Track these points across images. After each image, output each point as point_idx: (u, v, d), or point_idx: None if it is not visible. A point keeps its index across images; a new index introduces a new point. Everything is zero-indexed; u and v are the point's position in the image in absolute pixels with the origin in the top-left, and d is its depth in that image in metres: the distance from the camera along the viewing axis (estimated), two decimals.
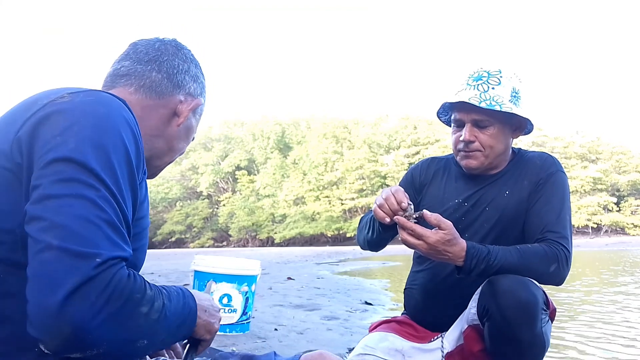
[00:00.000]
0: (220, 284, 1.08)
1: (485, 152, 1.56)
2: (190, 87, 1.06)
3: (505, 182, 1.61)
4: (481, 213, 1.60)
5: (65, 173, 0.72)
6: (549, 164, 1.61)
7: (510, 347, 1.37)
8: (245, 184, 58.97)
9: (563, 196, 1.56)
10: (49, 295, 0.66)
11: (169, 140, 1.04)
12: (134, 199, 0.82)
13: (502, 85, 1.52)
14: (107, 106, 0.81)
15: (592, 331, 3.25)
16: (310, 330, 3.16)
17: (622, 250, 21.53)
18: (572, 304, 4.61)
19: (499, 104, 1.50)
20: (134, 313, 0.72)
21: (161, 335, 0.79)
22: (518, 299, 1.33)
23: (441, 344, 1.58)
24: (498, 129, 1.54)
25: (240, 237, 56.87)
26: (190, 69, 1.06)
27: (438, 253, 1.40)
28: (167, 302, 0.79)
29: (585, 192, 46.10)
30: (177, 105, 1.03)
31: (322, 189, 53.99)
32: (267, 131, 60.85)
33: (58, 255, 0.67)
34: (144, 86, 1.00)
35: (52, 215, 0.69)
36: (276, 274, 8.81)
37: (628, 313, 4.04)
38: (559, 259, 1.44)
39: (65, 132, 0.75)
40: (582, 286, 6.21)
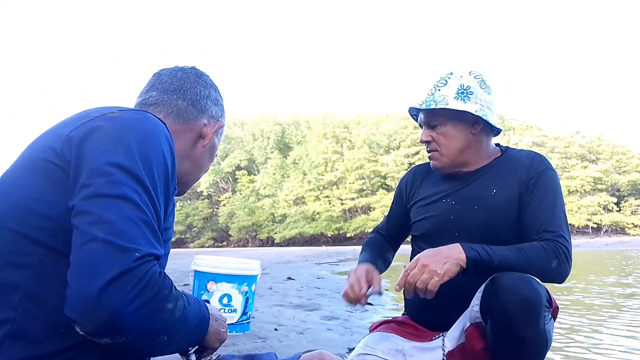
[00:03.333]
0: (220, 284, 1.09)
1: (442, 151, 1.61)
2: (213, 111, 1.17)
3: (491, 179, 1.61)
4: (469, 211, 1.60)
5: (114, 176, 0.81)
6: (538, 163, 1.59)
7: (512, 344, 1.36)
8: (245, 184, 58.98)
9: (555, 194, 1.55)
10: (91, 282, 0.73)
11: (195, 160, 1.15)
12: (166, 208, 0.90)
13: (448, 85, 1.59)
14: (152, 124, 0.92)
15: (591, 330, 3.25)
16: (311, 330, 3.15)
17: (623, 250, 21.52)
18: (574, 303, 4.61)
19: (437, 102, 1.56)
20: (161, 307, 0.80)
21: (179, 334, 0.86)
22: (521, 296, 1.32)
23: (442, 343, 1.58)
24: (450, 127, 1.59)
25: (240, 237, 56.87)
26: (211, 93, 1.17)
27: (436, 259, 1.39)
28: (187, 305, 0.87)
29: (586, 192, 46.12)
30: (202, 128, 1.14)
31: (322, 189, 54.01)
32: (267, 131, 60.86)
33: (103, 247, 0.75)
34: (171, 113, 1.11)
35: (100, 212, 0.78)
36: (276, 274, 8.81)
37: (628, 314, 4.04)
38: (559, 255, 1.44)
39: (116, 142, 0.85)
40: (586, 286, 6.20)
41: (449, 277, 1.36)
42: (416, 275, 1.38)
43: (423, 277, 1.36)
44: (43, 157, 0.86)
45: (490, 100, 1.60)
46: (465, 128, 1.59)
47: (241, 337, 2.59)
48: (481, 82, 1.60)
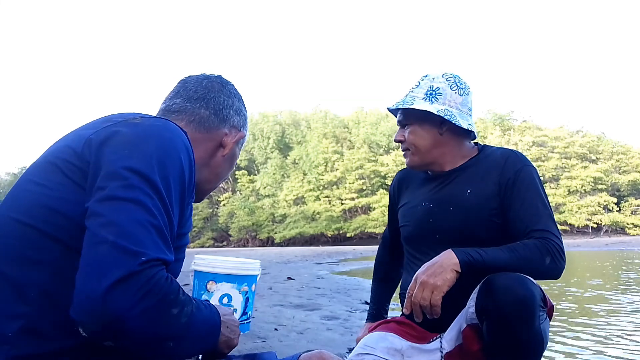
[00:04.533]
0: (221, 284, 1.09)
1: (412, 150, 1.66)
2: (235, 120, 1.18)
3: (466, 179, 1.62)
4: (445, 213, 1.61)
5: (129, 180, 0.82)
6: (513, 161, 1.58)
7: (508, 345, 1.36)
8: (245, 184, 58.99)
9: (536, 190, 1.53)
10: (95, 283, 0.74)
11: (215, 168, 1.16)
12: (181, 215, 0.91)
13: (420, 86, 1.63)
14: (171, 132, 0.93)
15: (591, 330, 3.25)
16: (311, 330, 3.16)
17: (623, 250, 21.51)
18: (574, 303, 4.61)
19: (404, 102, 1.62)
20: (165, 312, 0.79)
21: (186, 341, 0.85)
22: (515, 295, 1.32)
23: (440, 344, 1.58)
24: (417, 126, 1.64)
25: (240, 237, 56.87)
26: (234, 103, 1.18)
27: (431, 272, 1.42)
28: (195, 311, 0.86)
29: (586, 192, 46.10)
30: (223, 137, 1.15)
31: (322, 189, 54.00)
32: (267, 131, 60.82)
33: (110, 249, 0.76)
34: (193, 121, 1.12)
35: (112, 214, 0.79)
36: (276, 273, 8.81)
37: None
38: (552, 251, 1.44)
39: (135, 147, 0.86)
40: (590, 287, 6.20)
41: (448, 287, 1.38)
42: (418, 295, 1.40)
43: (425, 295, 1.38)
44: (63, 157, 0.88)
45: (461, 102, 1.62)
46: (433, 128, 1.62)
47: (241, 337, 2.58)
48: (452, 83, 1.62)
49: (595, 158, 49.93)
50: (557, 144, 49.81)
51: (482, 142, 1.76)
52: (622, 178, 47.00)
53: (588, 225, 44.60)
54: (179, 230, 0.92)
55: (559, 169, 48.00)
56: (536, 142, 50.06)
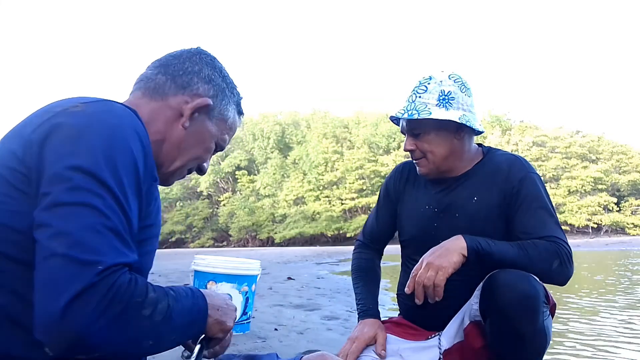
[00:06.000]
0: (221, 284, 1.08)
1: (428, 158, 1.59)
2: (200, 88, 1.05)
3: (472, 186, 1.60)
4: (451, 219, 1.60)
5: (74, 181, 0.75)
6: (518, 169, 1.57)
7: (512, 342, 1.36)
8: (245, 184, 58.95)
9: (542, 199, 1.53)
10: (52, 301, 0.69)
11: (177, 143, 1.03)
12: (140, 207, 0.84)
13: (429, 91, 1.55)
14: (118, 117, 0.84)
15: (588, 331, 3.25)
16: (311, 330, 3.16)
17: (623, 250, 21.49)
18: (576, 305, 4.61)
19: (420, 111, 1.53)
20: (135, 316, 0.75)
21: (169, 335, 0.82)
22: (519, 292, 1.32)
23: (438, 342, 1.58)
24: (432, 135, 1.57)
25: (241, 237, 56.83)
26: (202, 70, 1.06)
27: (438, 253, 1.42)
28: (172, 304, 0.81)
29: (586, 192, 46.08)
30: (182, 105, 1.03)
31: (322, 189, 53.98)
32: (267, 131, 60.80)
33: (62, 263, 0.70)
34: (149, 88, 1.03)
35: (59, 223, 0.72)
36: (276, 274, 8.81)
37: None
38: (561, 255, 1.43)
39: (76, 142, 0.78)
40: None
41: (453, 269, 1.38)
42: (422, 275, 1.39)
43: (429, 275, 1.38)
44: (7, 165, 0.80)
45: (471, 103, 1.60)
46: (449, 135, 1.58)
47: (241, 337, 2.59)
48: (461, 85, 1.58)
49: (595, 158, 49.92)
50: (557, 144, 49.80)
51: (482, 142, 1.76)
52: (622, 178, 46.98)
53: (588, 225, 44.58)
54: (142, 222, 0.86)
55: (559, 169, 47.98)
56: (536, 142, 50.03)
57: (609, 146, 51.24)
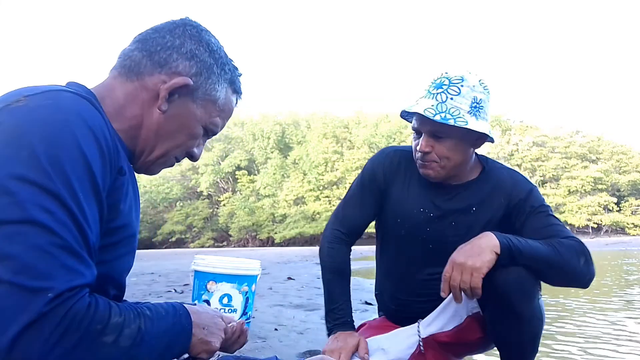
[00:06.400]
0: (221, 284, 1.08)
1: (442, 163, 1.52)
2: (179, 66, 0.91)
3: (472, 196, 1.58)
4: (447, 226, 1.58)
5: (17, 195, 0.66)
6: (523, 182, 1.59)
7: (511, 324, 1.39)
8: (245, 184, 58.89)
9: (548, 209, 1.55)
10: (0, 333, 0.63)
11: (155, 129, 0.91)
12: (101, 211, 0.76)
13: (462, 95, 1.45)
14: (63, 112, 0.73)
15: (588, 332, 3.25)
16: (311, 330, 3.15)
17: (621, 250, 21.47)
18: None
19: (455, 116, 1.43)
20: (95, 344, 0.68)
21: (144, 358, 0.76)
22: (514, 274, 1.35)
23: (417, 329, 1.60)
24: (456, 141, 1.49)
25: (241, 237, 56.79)
26: (184, 45, 0.92)
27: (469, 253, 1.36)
28: (145, 326, 0.75)
29: (586, 192, 46.04)
30: (159, 86, 0.90)
31: (322, 189, 53.94)
32: (267, 131, 60.74)
33: (9, 291, 0.63)
34: (125, 67, 0.91)
35: (3, 245, 0.64)
36: (276, 274, 8.80)
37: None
38: (585, 254, 1.43)
39: (17, 145, 0.69)
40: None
41: (487, 269, 1.34)
42: (457, 278, 1.35)
43: (464, 278, 1.34)
44: None
45: (489, 112, 1.55)
46: (469, 144, 1.53)
47: None
48: (489, 93, 1.52)
49: (596, 158, 49.87)
50: (557, 144, 49.75)
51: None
52: (622, 178, 46.93)
53: (588, 225, 44.53)
54: (111, 224, 0.80)
55: (559, 169, 47.94)
56: (536, 142, 49.98)
57: (609, 146, 51.17)
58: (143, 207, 56.79)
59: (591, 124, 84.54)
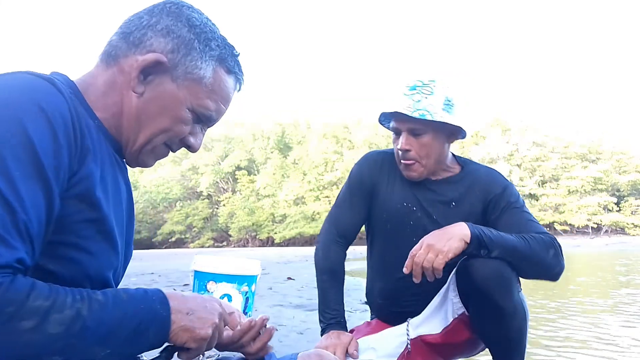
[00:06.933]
0: (220, 284, 1.08)
1: (423, 161, 1.62)
2: (153, 44, 0.84)
3: (452, 191, 1.66)
4: (428, 220, 1.64)
5: None
6: (498, 179, 1.67)
7: (494, 320, 1.41)
8: (245, 184, 58.92)
9: (523, 205, 1.62)
10: None
11: (135, 114, 0.86)
12: (48, 196, 0.69)
13: (435, 94, 1.57)
14: (10, 91, 0.70)
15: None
16: (311, 330, 3.16)
17: (621, 251, 21.49)
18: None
19: (431, 113, 1.54)
20: (7, 329, 0.61)
21: (93, 348, 0.68)
22: (491, 268, 1.39)
23: (406, 329, 1.62)
24: (432, 137, 1.59)
25: (240, 237, 56.80)
26: (160, 21, 0.85)
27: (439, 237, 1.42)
28: (87, 312, 0.68)
29: (586, 192, 46.05)
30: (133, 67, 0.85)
31: (322, 189, 53.97)
32: (267, 131, 60.81)
33: None
34: (105, 53, 0.87)
35: None
36: (276, 274, 8.81)
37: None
38: (555, 247, 1.48)
39: None
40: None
41: (453, 254, 1.40)
42: (422, 256, 1.40)
43: (429, 257, 1.39)
44: None
45: (463, 111, 1.65)
46: (443, 139, 1.62)
47: None
48: (461, 93, 1.63)
49: (596, 158, 49.88)
50: (557, 144, 49.75)
51: (482, 142, 1.79)
52: (622, 178, 46.94)
53: (588, 225, 44.54)
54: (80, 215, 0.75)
55: (559, 169, 47.95)
56: (536, 142, 49.99)
57: (609, 146, 51.21)
58: (143, 207, 56.75)
59: (591, 124, 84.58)
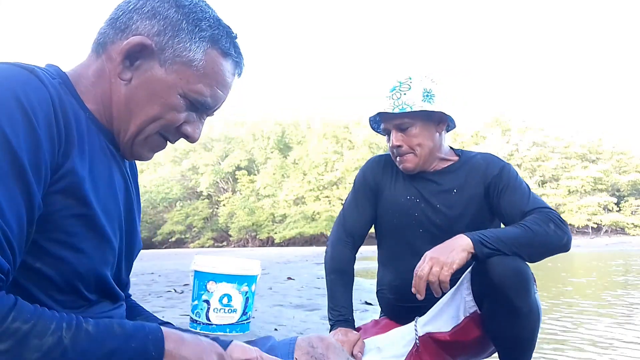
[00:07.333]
0: (220, 284, 1.08)
1: (416, 152, 1.67)
2: (139, 27, 0.80)
3: (452, 181, 1.70)
4: (433, 209, 1.68)
5: None
6: (495, 161, 1.72)
7: (509, 319, 1.41)
8: (245, 184, 58.95)
9: (521, 182, 1.66)
10: None
11: (124, 102, 0.81)
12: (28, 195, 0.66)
13: (412, 89, 1.65)
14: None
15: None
16: (311, 330, 3.16)
17: (620, 251, 21.49)
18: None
19: (410, 105, 1.62)
20: None
21: None
22: (510, 267, 1.39)
23: (415, 328, 1.62)
24: (420, 127, 1.66)
25: (240, 237, 56.85)
26: (146, 4, 0.81)
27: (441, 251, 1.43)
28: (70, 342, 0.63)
29: (586, 192, 46.07)
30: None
31: (322, 189, 54.01)
32: (267, 131, 60.84)
33: None
34: (95, 43, 0.84)
35: None
36: (276, 274, 8.81)
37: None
38: (552, 219, 1.49)
39: None
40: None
41: (458, 265, 1.40)
42: (425, 270, 1.41)
43: (434, 270, 1.40)
44: None
45: (445, 100, 1.70)
46: (432, 128, 1.68)
47: (241, 337, 2.58)
48: (438, 84, 1.69)
49: (596, 158, 49.91)
50: (557, 144, 49.79)
51: (482, 142, 1.80)
52: (622, 178, 46.97)
53: (588, 225, 44.58)
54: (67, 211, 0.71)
55: (559, 169, 47.98)
56: (536, 142, 50.02)
57: (609, 146, 51.23)
58: (143, 207, 55.70)
59: (591, 124, 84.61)
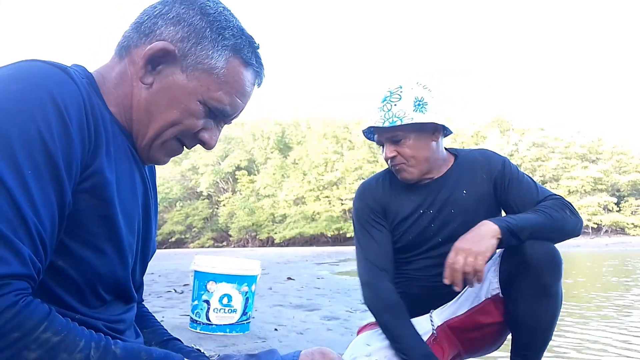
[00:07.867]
0: (221, 284, 1.09)
1: (410, 163, 1.63)
2: (163, 32, 0.80)
3: (457, 182, 1.68)
4: (448, 216, 1.65)
5: None
6: (495, 156, 1.72)
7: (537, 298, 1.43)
8: (245, 184, 58.93)
9: (523, 174, 1.68)
10: None
11: (145, 106, 0.82)
12: (61, 194, 0.66)
13: (403, 99, 1.60)
14: (22, 82, 0.66)
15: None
16: (311, 330, 3.15)
17: (620, 251, 21.45)
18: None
19: (400, 118, 1.57)
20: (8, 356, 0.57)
21: None
22: (546, 248, 1.43)
23: (430, 319, 1.63)
24: (414, 139, 1.61)
25: (240, 237, 56.82)
26: (172, 10, 0.81)
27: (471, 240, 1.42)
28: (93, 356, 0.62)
29: (586, 192, 46.04)
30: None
31: (322, 189, 53.97)
32: (267, 131, 60.82)
33: None
34: (118, 45, 0.85)
35: None
36: (276, 274, 8.80)
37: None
38: (567, 205, 1.53)
39: None
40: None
41: (491, 253, 1.41)
42: (460, 262, 1.40)
43: (468, 261, 1.39)
44: None
45: (439, 107, 1.68)
46: (427, 137, 1.64)
47: (241, 337, 2.58)
48: (430, 91, 1.66)
49: (596, 158, 49.87)
50: (557, 144, 49.75)
51: (482, 142, 1.80)
52: (622, 178, 46.92)
53: (588, 225, 44.51)
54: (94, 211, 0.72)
55: (559, 169, 47.94)
56: (536, 142, 49.98)
57: (609, 146, 51.19)
58: None
59: (591, 124, 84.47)
